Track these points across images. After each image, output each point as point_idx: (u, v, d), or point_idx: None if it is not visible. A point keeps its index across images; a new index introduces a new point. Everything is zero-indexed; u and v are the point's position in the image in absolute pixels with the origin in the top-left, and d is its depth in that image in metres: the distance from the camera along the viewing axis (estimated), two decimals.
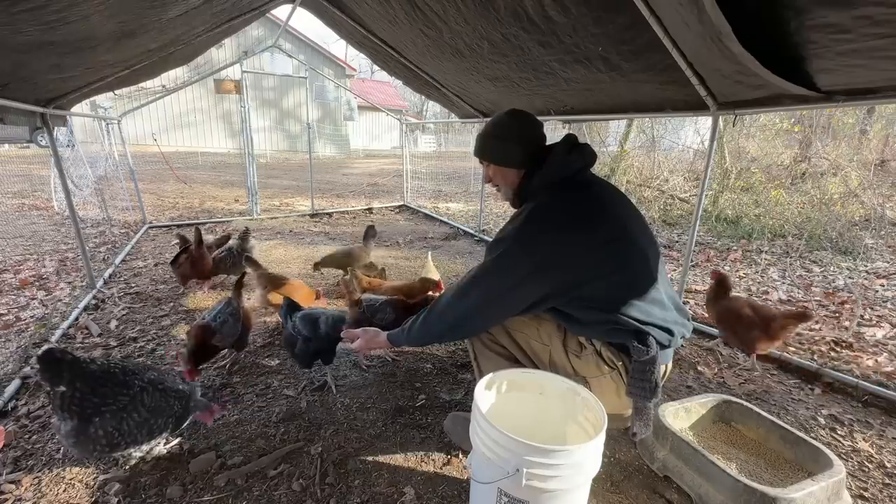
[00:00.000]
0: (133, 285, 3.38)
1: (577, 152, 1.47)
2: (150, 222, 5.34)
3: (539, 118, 1.62)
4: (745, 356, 2.54)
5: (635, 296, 1.37)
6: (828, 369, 2.35)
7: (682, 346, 1.61)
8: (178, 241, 3.43)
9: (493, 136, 1.53)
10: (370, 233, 3.52)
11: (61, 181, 3.10)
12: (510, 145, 1.51)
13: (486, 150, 1.56)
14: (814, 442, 1.59)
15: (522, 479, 1.08)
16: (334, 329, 2.01)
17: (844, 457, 1.79)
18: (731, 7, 1.49)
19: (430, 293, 2.63)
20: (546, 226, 1.37)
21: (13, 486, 1.52)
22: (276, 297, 2.65)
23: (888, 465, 1.75)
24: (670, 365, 1.54)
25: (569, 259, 1.34)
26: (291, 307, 2.20)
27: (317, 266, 3.44)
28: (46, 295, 3.17)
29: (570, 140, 1.50)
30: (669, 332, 1.39)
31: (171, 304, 3.06)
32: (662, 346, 1.38)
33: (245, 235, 3.32)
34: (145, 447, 1.59)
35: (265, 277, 2.73)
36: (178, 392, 1.60)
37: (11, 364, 2.21)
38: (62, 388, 1.37)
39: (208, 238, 3.81)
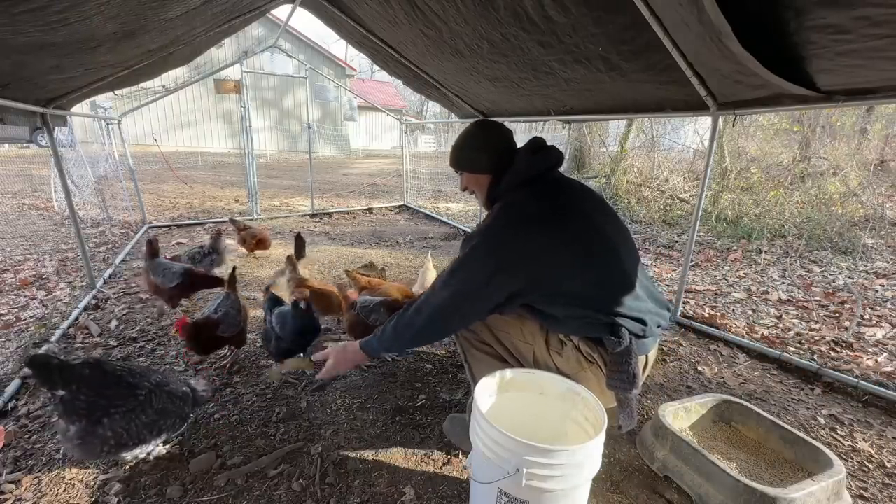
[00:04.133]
0: (133, 285, 3.38)
1: (542, 154, 1.54)
2: (151, 222, 5.34)
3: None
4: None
5: (607, 289, 1.40)
6: (828, 369, 2.36)
7: (660, 335, 1.62)
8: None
9: (462, 146, 1.63)
10: (299, 242, 3.26)
11: (61, 181, 3.10)
12: (477, 153, 1.60)
13: (457, 159, 1.66)
14: (814, 442, 1.59)
15: (522, 479, 1.08)
16: (296, 333, 2.07)
17: (844, 457, 1.79)
18: (730, 7, 1.50)
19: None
20: (512, 223, 1.41)
21: (13, 486, 1.52)
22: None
23: (888, 465, 1.75)
24: (651, 356, 1.56)
25: (536, 255, 1.36)
26: (274, 302, 2.24)
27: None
28: (46, 295, 3.17)
29: (535, 142, 1.58)
30: (642, 321, 1.41)
31: None
32: (637, 336, 1.41)
33: (217, 236, 3.33)
34: (147, 448, 1.59)
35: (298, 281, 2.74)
36: (183, 394, 1.61)
37: (11, 364, 2.21)
38: (61, 393, 1.36)
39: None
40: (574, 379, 1.45)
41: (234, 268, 2.58)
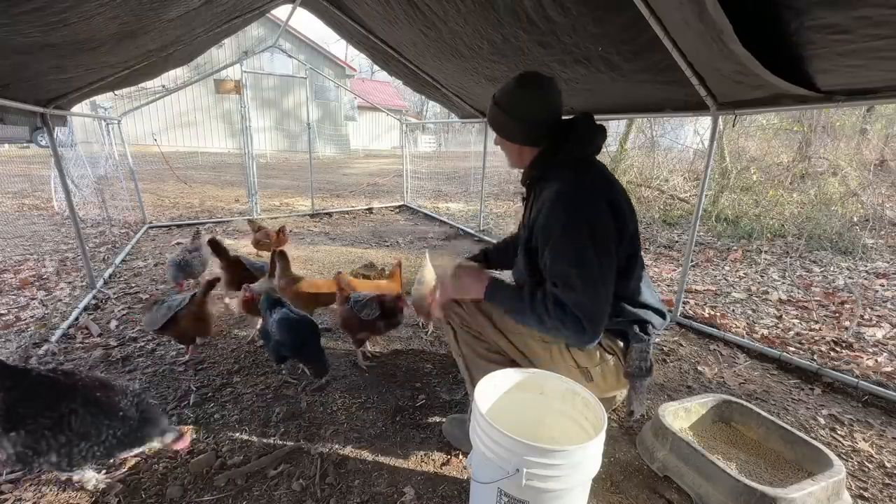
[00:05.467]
0: (133, 285, 3.38)
1: (600, 132, 1.45)
2: (150, 222, 5.34)
3: None
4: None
5: (636, 278, 1.44)
6: (828, 369, 2.36)
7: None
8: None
9: (500, 108, 1.44)
10: (272, 260, 3.00)
11: (61, 181, 3.10)
12: (516, 123, 1.43)
13: (498, 123, 1.47)
14: (814, 442, 1.59)
15: (522, 479, 1.08)
16: (301, 333, 2.04)
17: (844, 457, 1.79)
18: (731, 7, 1.50)
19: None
20: (589, 198, 1.34)
21: (12, 486, 1.52)
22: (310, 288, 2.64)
23: (888, 465, 1.75)
24: None
25: (628, 211, 1.36)
26: (272, 302, 2.21)
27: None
28: (46, 295, 3.17)
29: (589, 116, 1.47)
30: (663, 315, 1.47)
31: None
32: (654, 328, 1.46)
33: (196, 235, 3.30)
34: (74, 475, 1.46)
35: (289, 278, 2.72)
36: (120, 418, 1.41)
37: None
38: None
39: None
40: (591, 371, 1.47)
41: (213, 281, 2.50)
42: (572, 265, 1.26)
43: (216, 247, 2.88)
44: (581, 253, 1.26)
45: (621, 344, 1.47)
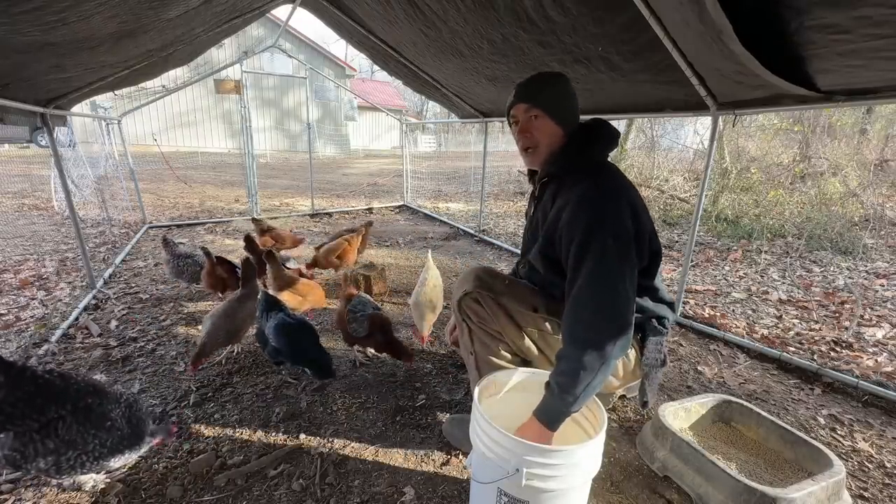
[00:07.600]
0: (133, 285, 3.38)
1: (617, 135, 1.50)
2: (151, 222, 5.33)
3: None
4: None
5: (660, 276, 1.50)
6: (828, 369, 2.35)
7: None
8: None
9: (550, 83, 1.43)
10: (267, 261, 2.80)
11: (61, 181, 3.10)
12: (569, 99, 1.43)
13: (543, 95, 1.41)
14: (814, 442, 1.59)
15: (522, 478, 1.08)
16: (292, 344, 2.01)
17: (844, 457, 1.79)
18: (731, 6, 1.50)
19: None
20: (615, 193, 1.34)
21: (12, 486, 1.52)
22: (292, 298, 2.65)
23: (888, 465, 1.75)
24: None
25: (644, 213, 1.38)
26: (269, 303, 2.19)
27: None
28: (46, 295, 3.17)
29: (607, 122, 1.49)
30: (673, 307, 1.55)
31: (171, 304, 3.05)
32: (669, 322, 1.54)
33: (164, 241, 3.22)
34: (64, 481, 1.45)
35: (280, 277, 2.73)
36: (107, 428, 1.38)
37: None
38: None
39: None
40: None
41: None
42: (597, 281, 1.23)
43: (250, 243, 3.01)
44: (605, 266, 1.24)
45: (639, 336, 1.53)
